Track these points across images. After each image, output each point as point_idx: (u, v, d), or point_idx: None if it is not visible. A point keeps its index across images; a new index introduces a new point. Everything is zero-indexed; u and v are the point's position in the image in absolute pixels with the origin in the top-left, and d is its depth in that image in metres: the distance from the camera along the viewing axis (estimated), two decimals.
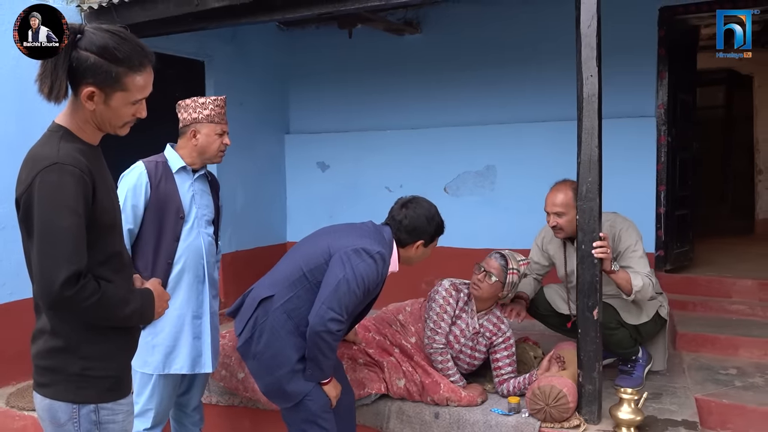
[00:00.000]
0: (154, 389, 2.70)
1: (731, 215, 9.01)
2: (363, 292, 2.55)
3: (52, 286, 1.50)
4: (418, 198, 2.82)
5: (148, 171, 2.66)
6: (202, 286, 2.78)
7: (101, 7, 3.86)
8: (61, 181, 1.54)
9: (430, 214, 2.75)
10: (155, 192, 2.64)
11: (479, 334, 3.20)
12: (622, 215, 3.33)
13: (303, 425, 2.64)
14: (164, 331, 2.67)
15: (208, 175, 2.91)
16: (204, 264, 2.76)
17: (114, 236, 1.75)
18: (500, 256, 3.16)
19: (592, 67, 2.81)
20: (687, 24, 4.87)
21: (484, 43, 5.16)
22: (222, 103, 2.79)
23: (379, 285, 2.68)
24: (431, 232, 2.76)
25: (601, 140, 2.85)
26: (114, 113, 1.65)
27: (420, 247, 2.76)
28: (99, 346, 1.67)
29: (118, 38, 1.59)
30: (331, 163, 5.80)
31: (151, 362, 2.67)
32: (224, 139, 2.78)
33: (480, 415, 2.99)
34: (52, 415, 1.66)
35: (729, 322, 4.27)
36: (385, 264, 2.64)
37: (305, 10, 3.49)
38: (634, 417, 2.79)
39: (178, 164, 2.73)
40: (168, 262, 2.65)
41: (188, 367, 2.72)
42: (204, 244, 2.76)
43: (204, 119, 2.72)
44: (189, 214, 2.72)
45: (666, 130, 4.69)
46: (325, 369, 2.58)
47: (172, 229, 2.66)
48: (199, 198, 2.78)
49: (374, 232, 2.73)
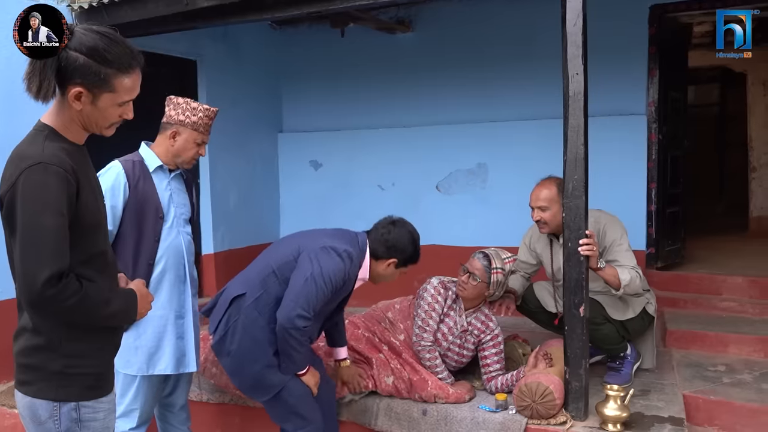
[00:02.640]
0: (138, 390, 2.69)
1: (726, 213, 9.02)
2: (331, 290, 2.62)
3: (34, 285, 1.51)
4: (408, 222, 2.91)
5: (126, 171, 2.61)
6: (184, 286, 2.75)
7: (91, 6, 3.86)
8: (45, 180, 1.54)
9: (413, 237, 2.83)
10: (134, 192, 2.60)
11: (467, 332, 3.21)
12: (606, 211, 3.34)
13: (286, 416, 2.73)
14: (147, 332, 2.65)
15: (184, 173, 2.87)
16: (185, 263, 2.74)
17: (98, 236, 1.74)
18: (483, 256, 3.15)
19: (577, 65, 2.82)
20: (678, 22, 4.88)
21: (476, 41, 5.16)
22: (213, 114, 2.75)
23: (348, 284, 2.74)
24: (408, 254, 2.82)
25: (587, 138, 2.85)
26: (101, 114, 1.65)
27: (391, 265, 2.83)
28: (80, 345, 1.67)
29: (107, 40, 1.60)
30: (324, 161, 5.81)
31: (134, 363, 2.65)
32: (201, 149, 2.74)
33: (467, 412, 3.01)
34: (33, 413, 1.66)
35: (719, 319, 4.29)
36: (353, 264, 2.71)
37: (294, 9, 3.49)
38: (620, 414, 2.80)
39: (155, 163, 2.69)
40: (149, 263, 2.62)
41: (173, 368, 2.70)
42: (184, 243, 2.74)
43: (189, 124, 2.67)
44: (168, 214, 2.69)
45: (657, 128, 4.70)
46: (298, 362, 2.67)
47: (152, 230, 2.63)
48: (176, 197, 2.75)
49: (347, 236, 2.81)
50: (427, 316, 3.18)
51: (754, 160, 7.51)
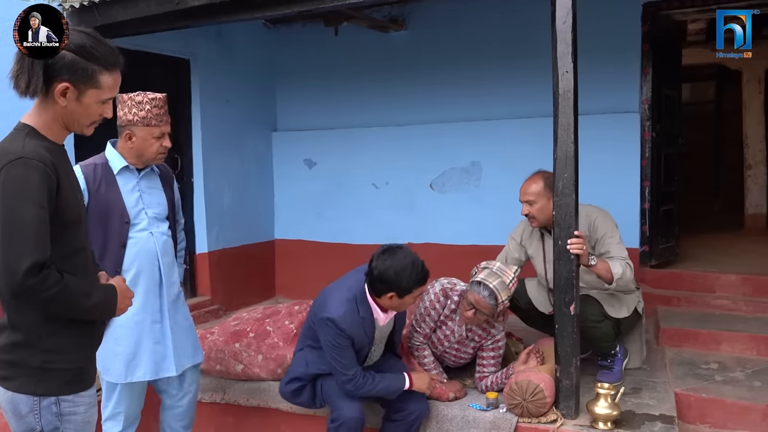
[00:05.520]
0: (120, 395, 2.67)
1: (722, 210, 9.03)
2: (341, 346, 2.76)
3: (16, 275, 1.55)
4: (399, 249, 2.77)
5: (86, 176, 2.54)
6: (160, 289, 2.68)
7: (83, 6, 3.84)
8: (26, 174, 1.59)
9: (400, 267, 2.68)
10: (94, 198, 2.53)
11: (467, 338, 3.19)
12: (595, 205, 3.34)
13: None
14: (125, 339, 2.61)
15: (159, 168, 2.76)
16: (159, 266, 2.66)
17: (78, 231, 1.79)
18: (489, 293, 2.89)
19: (567, 63, 2.81)
20: (671, 19, 4.87)
21: (470, 39, 5.15)
22: (161, 102, 2.60)
23: (366, 328, 2.84)
24: (403, 284, 2.68)
25: (578, 136, 2.85)
26: (84, 111, 1.72)
27: (394, 297, 2.73)
28: (59, 340, 1.71)
29: (93, 39, 1.69)
30: (318, 160, 5.80)
31: (113, 371, 2.62)
32: (163, 141, 2.61)
33: (458, 411, 3.01)
34: (14, 408, 1.70)
35: (712, 317, 4.29)
36: (354, 318, 2.79)
37: (285, 8, 3.48)
38: (610, 412, 2.81)
39: (120, 164, 2.60)
40: (117, 270, 2.54)
41: (151, 373, 2.66)
42: (158, 244, 2.65)
43: (139, 122, 2.54)
44: (137, 217, 2.61)
45: (650, 126, 4.69)
46: (389, 390, 2.88)
47: (118, 236, 2.55)
48: (147, 197, 2.66)
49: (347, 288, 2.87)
50: (421, 319, 3.20)
51: (750, 157, 7.50)
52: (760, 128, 7.47)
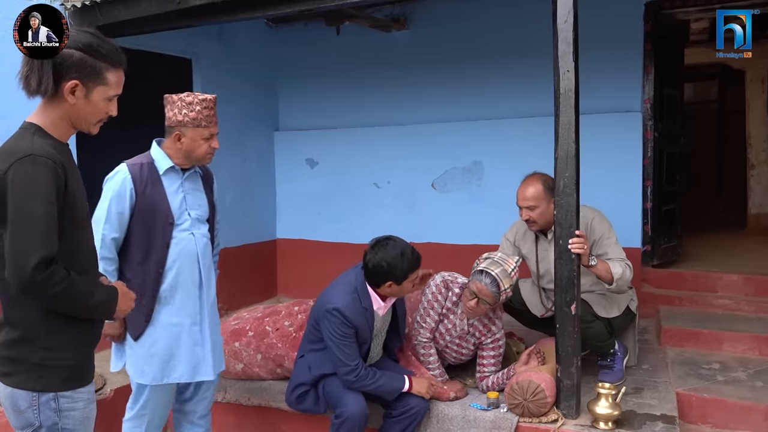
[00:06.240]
0: (148, 398, 2.62)
1: (725, 210, 9.00)
2: (346, 336, 2.83)
3: (24, 270, 1.58)
4: (388, 240, 2.89)
5: (133, 176, 2.51)
6: (199, 291, 2.63)
7: (84, 5, 3.85)
8: (35, 171, 1.62)
9: (391, 258, 2.80)
10: (141, 198, 2.50)
11: (468, 333, 3.20)
12: (592, 207, 3.33)
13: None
14: (162, 340, 2.56)
15: (201, 170, 2.74)
16: (199, 268, 2.62)
17: (85, 231, 1.83)
18: (491, 281, 2.92)
19: (568, 62, 2.81)
20: (674, 19, 4.86)
21: (472, 39, 5.15)
22: (211, 104, 2.58)
23: (369, 318, 2.92)
24: (397, 271, 2.81)
25: (579, 135, 2.85)
26: (92, 108, 1.76)
27: (393, 285, 2.85)
28: (58, 337, 1.73)
29: (98, 38, 1.75)
30: (320, 159, 5.80)
31: (148, 372, 2.56)
32: (212, 142, 2.59)
33: (459, 410, 3.01)
34: (14, 403, 1.73)
35: (714, 316, 4.28)
36: (356, 308, 2.86)
37: (286, 7, 3.47)
38: (611, 411, 2.80)
39: (166, 165, 2.57)
40: (159, 271, 2.52)
41: (188, 375, 2.61)
42: (198, 246, 2.62)
43: (189, 123, 2.52)
44: (180, 218, 2.57)
45: (652, 125, 4.68)
46: (389, 387, 2.92)
47: (162, 236, 2.52)
48: (190, 198, 2.63)
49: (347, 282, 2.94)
50: (425, 314, 3.20)
51: (753, 157, 7.49)
52: (764, 128, 7.44)
